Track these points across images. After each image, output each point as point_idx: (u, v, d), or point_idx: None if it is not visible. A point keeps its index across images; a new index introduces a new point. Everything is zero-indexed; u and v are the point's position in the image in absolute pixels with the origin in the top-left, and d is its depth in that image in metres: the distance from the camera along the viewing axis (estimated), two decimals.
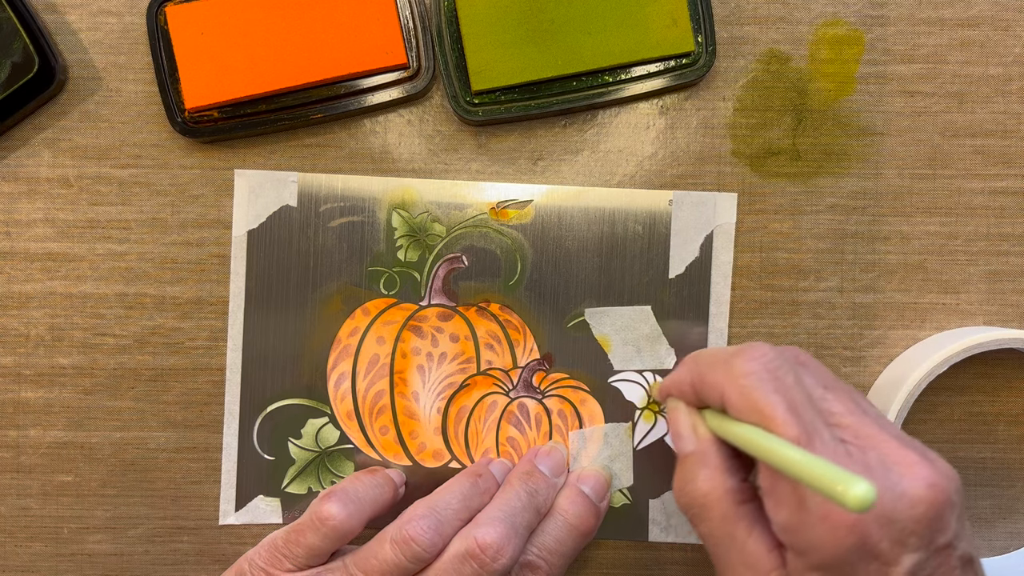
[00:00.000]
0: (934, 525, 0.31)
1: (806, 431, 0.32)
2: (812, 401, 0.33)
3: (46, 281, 0.44)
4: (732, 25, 0.44)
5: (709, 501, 0.35)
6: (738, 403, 0.34)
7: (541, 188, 0.44)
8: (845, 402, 0.34)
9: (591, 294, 0.44)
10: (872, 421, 0.33)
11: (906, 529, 0.30)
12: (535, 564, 0.39)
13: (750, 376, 0.34)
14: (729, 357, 0.35)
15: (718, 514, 0.35)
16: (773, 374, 0.34)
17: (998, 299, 0.45)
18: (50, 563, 0.45)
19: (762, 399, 0.33)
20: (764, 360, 0.34)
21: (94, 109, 0.44)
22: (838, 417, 0.33)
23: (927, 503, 0.30)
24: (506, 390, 0.44)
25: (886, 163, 0.44)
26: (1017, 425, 0.45)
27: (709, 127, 0.44)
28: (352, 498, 0.39)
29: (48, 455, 0.44)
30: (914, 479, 0.31)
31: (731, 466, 0.36)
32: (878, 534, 0.30)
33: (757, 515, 0.35)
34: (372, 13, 0.42)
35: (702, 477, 0.35)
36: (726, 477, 0.35)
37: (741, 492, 0.35)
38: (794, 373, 0.34)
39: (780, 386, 0.33)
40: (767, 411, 0.32)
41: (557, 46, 0.42)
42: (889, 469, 0.31)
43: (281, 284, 0.44)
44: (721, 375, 0.35)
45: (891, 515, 0.30)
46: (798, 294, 0.45)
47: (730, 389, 0.34)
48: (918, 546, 0.31)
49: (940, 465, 0.32)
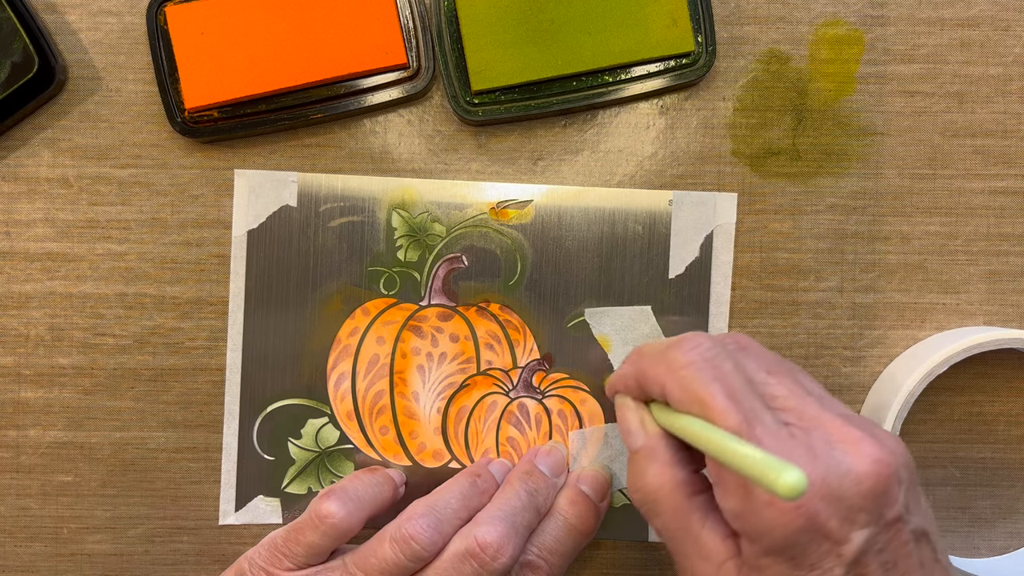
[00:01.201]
0: (881, 500, 0.31)
1: (746, 418, 0.32)
2: (753, 386, 0.33)
3: (46, 281, 0.44)
4: (732, 25, 0.44)
5: (661, 495, 0.35)
6: (678, 395, 0.34)
7: (541, 188, 0.44)
8: (788, 385, 0.34)
9: (591, 294, 0.44)
10: (815, 401, 0.33)
11: (854, 506, 0.30)
12: (535, 564, 0.39)
13: (688, 367, 0.34)
14: (667, 349, 0.35)
15: (670, 507, 0.35)
16: (711, 363, 0.33)
17: (998, 299, 0.45)
18: (50, 563, 0.45)
19: (700, 389, 0.33)
20: (701, 350, 0.34)
21: (94, 109, 0.44)
22: (781, 400, 0.33)
23: (873, 478, 0.30)
24: (506, 390, 0.44)
25: (886, 163, 0.44)
26: (1017, 425, 0.45)
27: (709, 127, 0.44)
28: (351, 496, 0.39)
29: (48, 455, 0.44)
30: (858, 456, 0.31)
31: (681, 459, 0.36)
32: (826, 512, 0.30)
33: (710, 506, 0.35)
34: (372, 13, 0.42)
35: (652, 472, 0.35)
36: (676, 470, 0.35)
37: (692, 484, 0.35)
38: (733, 360, 0.34)
39: (718, 374, 0.33)
40: (706, 400, 0.32)
41: (557, 46, 0.42)
42: (833, 447, 0.31)
43: (281, 284, 0.44)
44: (661, 368, 0.35)
45: (837, 493, 0.30)
46: (798, 294, 0.44)
47: (670, 381, 0.34)
48: (867, 522, 0.31)
49: (886, 441, 0.32)
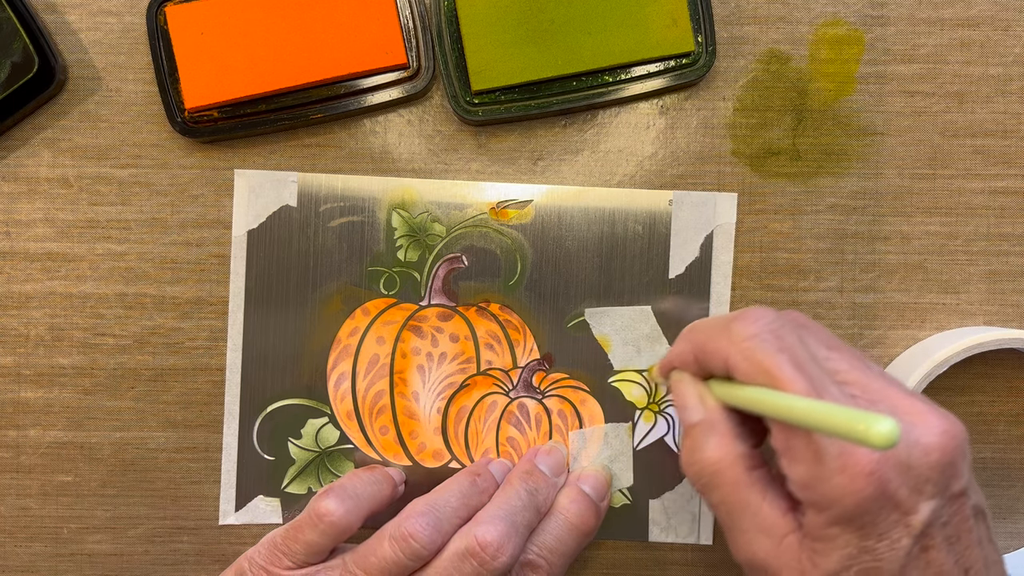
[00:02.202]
0: (948, 472, 0.31)
1: (813, 386, 0.32)
2: (816, 360, 0.33)
3: (46, 281, 0.44)
4: (732, 25, 0.44)
5: (720, 468, 0.35)
6: (743, 366, 0.34)
7: (541, 188, 0.44)
8: (850, 360, 0.34)
9: (591, 294, 0.44)
10: (878, 376, 0.33)
11: (922, 476, 0.30)
12: (535, 563, 0.39)
13: (753, 338, 0.34)
14: (728, 323, 0.35)
15: (730, 480, 0.34)
16: (775, 334, 0.34)
17: (998, 299, 0.45)
18: (50, 563, 0.44)
19: (767, 359, 0.33)
20: (764, 321, 0.34)
21: (94, 109, 0.44)
22: (843, 374, 0.33)
23: (941, 450, 0.31)
24: (506, 390, 0.44)
25: (886, 163, 0.44)
26: (1017, 425, 0.45)
27: (709, 127, 0.44)
28: (350, 494, 0.39)
29: (48, 455, 0.44)
30: (926, 427, 0.31)
31: (740, 432, 0.35)
32: (896, 481, 0.30)
33: (769, 480, 0.35)
34: (372, 13, 0.42)
35: (712, 444, 0.35)
36: (736, 443, 0.35)
37: (752, 458, 0.35)
38: (796, 333, 0.34)
39: (783, 345, 0.33)
40: (773, 370, 0.32)
41: (557, 46, 0.42)
42: (901, 419, 0.31)
43: (281, 284, 0.44)
44: (723, 341, 0.35)
45: (907, 462, 0.30)
46: (798, 294, 0.44)
47: (733, 353, 0.34)
48: (934, 493, 0.31)
49: (950, 416, 0.32)
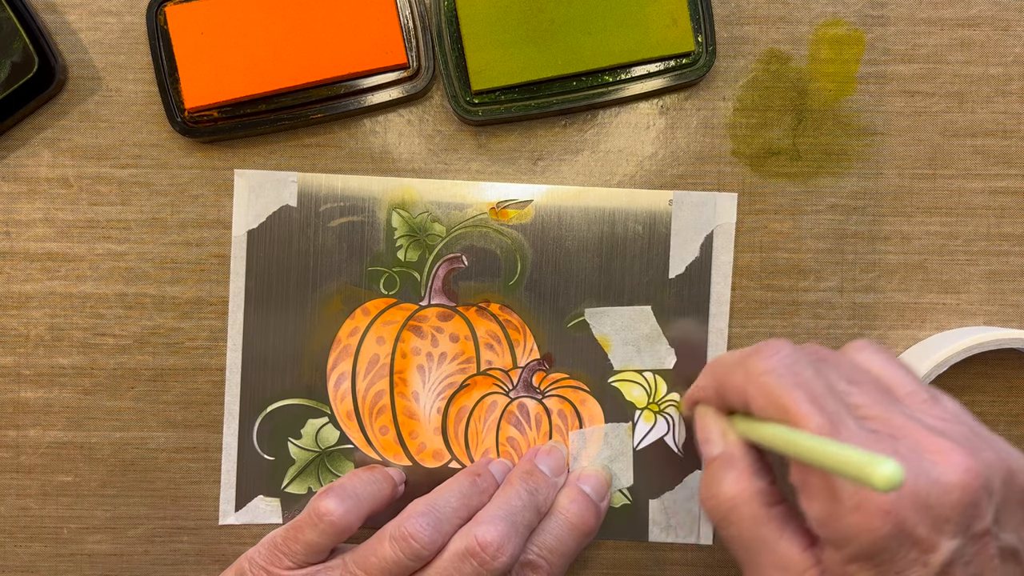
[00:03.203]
0: (969, 512, 0.30)
1: (830, 421, 0.32)
2: (836, 394, 0.33)
3: (46, 281, 0.44)
4: (732, 25, 0.44)
5: (738, 503, 0.35)
6: (760, 401, 0.34)
7: (541, 188, 0.44)
8: (871, 394, 0.34)
9: (591, 294, 0.44)
10: (900, 411, 0.33)
11: (942, 515, 0.30)
12: (536, 563, 0.39)
13: (769, 373, 0.34)
14: (746, 358, 0.35)
15: (747, 516, 0.34)
16: (791, 369, 0.34)
17: (998, 299, 0.45)
18: (50, 563, 0.44)
19: (783, 395, 0.33)
20: (780, 356, 0.34)
21: (94, 109, 0.44)
22: (865, 409, 0.33)
23: (961, 488, 0.30)
24: (506, 390, 0.44)
25: (886, 163, 0.44)
26: (1017, 425, 0.45)
27: (709, 127, 0.44)
28: (350, 494, 0.39)
29: (48, 455, 0.44)
30: (947, 465, 0.30)
31: (759, 468, 0.35)
32: (914, 519, 0.30)
33: (787, 516, 0.34)
34: (372, 13, 0.42)
35: (730, 479, 0.35)
36: (755, 479, 0.35)
37: (770, 494, 0.35)
38: (813, 367, 0.34)
39: (799, 380, 0.33)
40: (789, 406, 0.32)
41: (557, 46, 0.42)
42: (921, 456, 0.31)
43: (281, 284, 0.44)
44: (741, 377, 0.35)
45: (926, 500, 0.30)
46: (798, 294, 0.44)
47: (751, 389, 0.34)
48: (955, 532, 0.30)
49: (982, 452, 0.31)
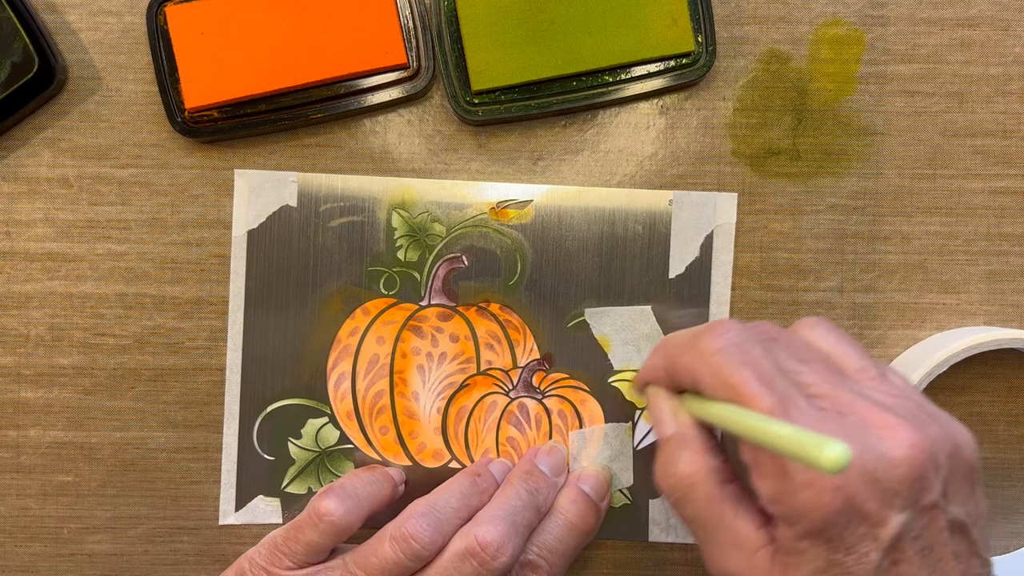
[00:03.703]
0: (917, 485, 0.31)
1: (780, 400, 0.32)
2: (785, 373, 0.33)
3: (46, 281, 0.44)
4: (732, 25, 0.44)
5: (693, 482, 0.35)
6: (710, 381, 0.34)
7: (541, 188, 0.44)
8: (820, 372, 0.34)
9: (591, 294, 0.44)
10: (849, 389, 0.33)
11: (890, 489, 0.30)
12: (536, 563, 0.39)
13: (718, 353, 0.34)
14: (696, 337, 0.35)
15: (703, 495, 0.35)
16: (740, 348, 0.33)
17: (998, 299, 0.45)
18: (50, 563, 0.44)
19: (732, 374, 0.33)
20: (730, 335, 0.34)
21: (94, 109, 0.44)
22: (815, 388, 0.33)
23: (908, 463, 0.30)
24: (506, 390, 0.44)
25: (886, 163, 0.44)
26: (1017, 425, 0.45)
27: (709, 127, 0.44)
28: (350, 494, 0.39)
29: (48, 455, 0.44)
30: (893, 440, 0.31)
31: (713, 447, 0.36)
32: (863, 494, 0.30)
33: (742, 494, 0.35)
34: (372, 13, 0.42)
35: (684, 459, 0.35)
36: (708, 457, 0.35)
37: (724, 472, 0.35)
38: (762, 346, 0.34)
39: (748, 359, 0.33)
40: (738, 385, 0.32)
41: (557, 46, 0.42)
42: (868, 432, 0.31)
43: (281, 284, 0.44)
44: (690, 356, 0.35)
45: (874, 475, 0.30)
46: (798, 294, 0.44)
47: (700, 368, 0.34)
48: (903, 506, 0.31)
49: (928, 427, 0.32)
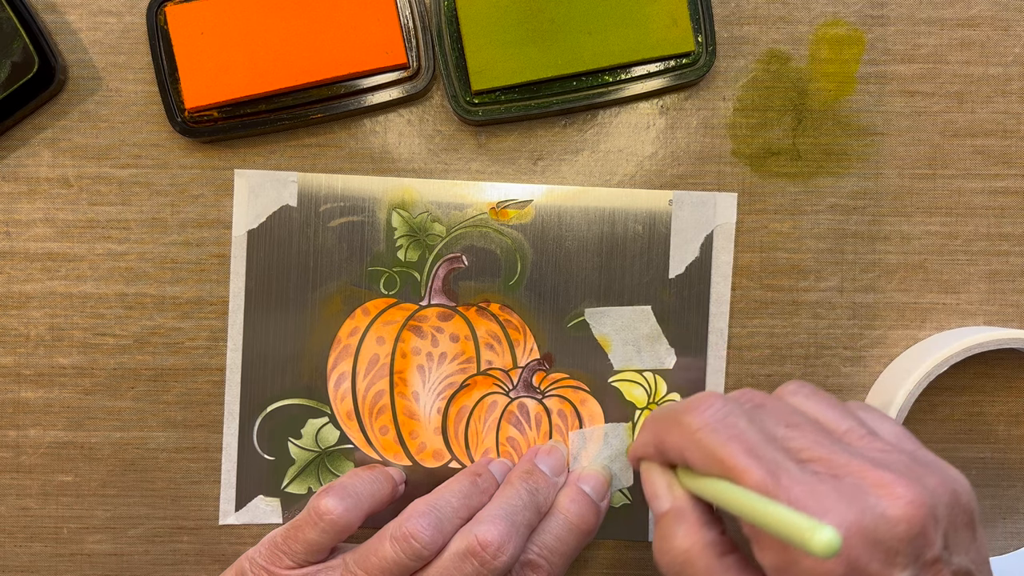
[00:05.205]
0: (918, 542, 0.31)
1: (769, 471, 0.32)
2: (773, 441, 0.33)
3: (46, 281, 0.44)
4: (732, 25, 0.44)
5: (690, 556, 0.34)
6: (698, 458, 0.34)
7: (541, 188, 0.44)
8: (810, 435, 0.34)
9: (591, 294, 0.44)
10: (841, 450, 0.33)
11: (892, 548, 0.30)
12: (536, 563, 0.39)
13: (702, 429, 0.34)
14: (680, 415, 0.35)
15: (702, 569, 0.34)
16: (724, 422, 0.33)
17: (998, 299, 0.45)
18: (50, 563, 0.44)
19: (719, 449, 0.33)
20: (713, 410, 0.34)
21: (94, 109, 0.44)
22: (806, 452, 0.33)
23: (907, 521, 0.30)
24: (506, 390, 0.44)
25: (886, 163, 0.44)
26: (1017, 425, 0.45)
27: (709, 127, 0.44)
28: (350, 493, 0.39)
29: (48, 455, 0.44)
30: (891, 498, 0.31)
31: (709, 520, 0.35)
32: (866, 557, 0.30)
33: (741, 566, 0.34)
34: (372, 13, 0.42)
35: (681, 533, 0.35)
36: (705, 531, 0.35)
37: (721, 544, 0.35)
38: (747, 417, 0.34)
39: (734, 433, 0.33)
40: (726, 460, 0.32)
41: (557, 46, 0.42)
42: (865, 492, 0.31)
43: (281, 284, 0.44)
44: (677, 434, 0.35)
45: (875, 536, 0.30)
46: (798, 294, 0.45)
47: (687, 446, 0.34)
48: (906, 564, 0.31)
49: (925, 479, 0.32)
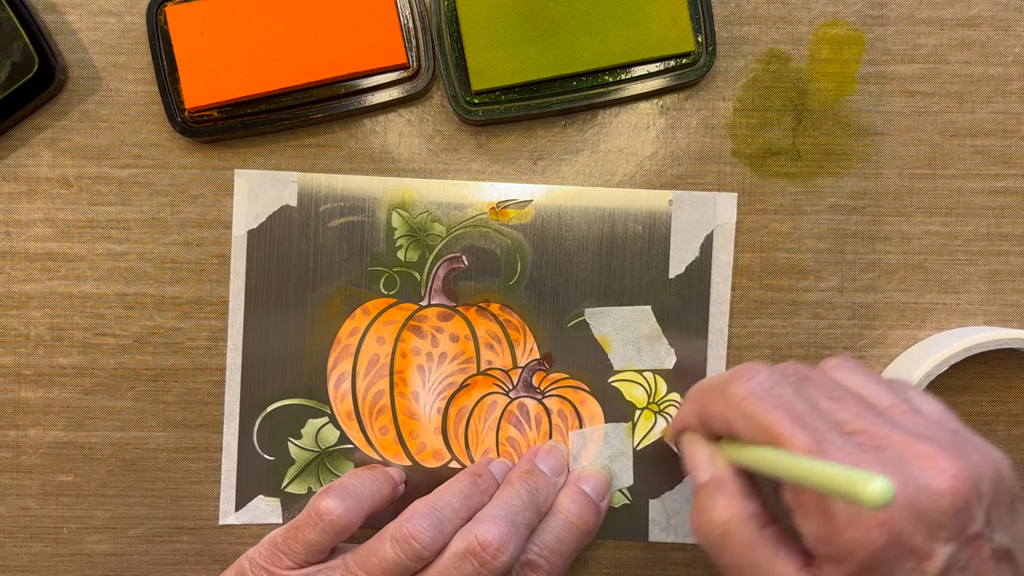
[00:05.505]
0: (962, 515, 0.30)
1: (815, 439, 0.32)
2: (818, 412, 0.33)
3: (46, 281, 0.44)
4: (732, 25, 0.44)
5: (730, 528, 0.34)
6: (744, 426, 0.34)
7: (541, 188, 0.44)
8: (853, 408, 0.34)
9: (591, 294, 0.44)
10: (884, 422, 0.33)
11: (935, 521, 0.30)
12: (536, 563, 0.39)
13: (748, 397, 0.34)
14: (725, 384, 0.35)
15: (741, 540, 0.34)
16: (770, 391, 0.34)
17: (998, 299, 0.45)
18: (50, 563, 0.44)
19: (765, 417, 0.33)
20: (759, 379, 0.34)
21: (94, 109, 0.44)
22: (849, 424, 0.33)
23: (952, 494, 0.30)
24: (506, 390, 0.44)
25: (886, 163, 0.44)
26: (1017, 425, 0.45)
27: (709, 127, 0.44)
28: (350, 493, 0.39)
29: (48, 455, 0.44)
30: (935, 471, 0.31)
31: (750, 491, 0.35)
32: (909, 528, 0.30)
33: (781, 537, 0.34)
34: (372, 13, 0.42)
35: (721, 504, 0.35)
36: (746, 502, 0.35)
37: (762, 516, 0.35)
38: (793, 387, 0.34)
39: (780, 401, 0.33)
40: (772, 428, 0.32)
41: (557, 46, 0.42)
42: (910, 464, 0.31)
43: (281, 284, 0.44)
44: (722, 404, 0.35)
45: (918, 508, 0.30)
46: (798, 294, 0.44)
47: (733, 415, 0.34)
48: (949, 537, 0.30)
49: (969, 455, 0.32)
